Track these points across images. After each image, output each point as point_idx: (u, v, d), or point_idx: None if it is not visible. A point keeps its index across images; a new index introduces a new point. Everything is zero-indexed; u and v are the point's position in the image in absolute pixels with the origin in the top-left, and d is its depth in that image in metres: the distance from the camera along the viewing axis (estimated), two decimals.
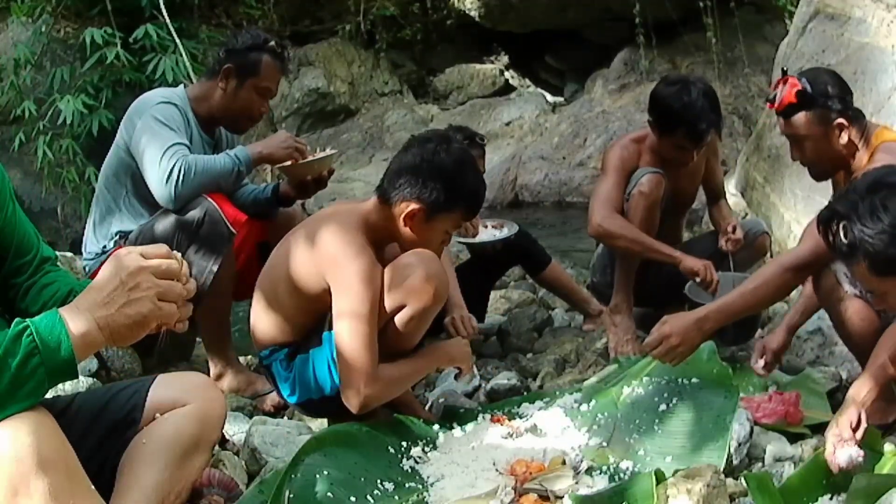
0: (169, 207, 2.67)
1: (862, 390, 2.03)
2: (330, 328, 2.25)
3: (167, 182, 2.61)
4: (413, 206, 2.24)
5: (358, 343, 2.16)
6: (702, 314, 2.28)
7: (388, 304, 2.22)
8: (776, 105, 2.50)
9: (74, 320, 1.33)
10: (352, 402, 2.20)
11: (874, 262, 1.81)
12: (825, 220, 1.90)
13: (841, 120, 2.43)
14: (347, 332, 2.17)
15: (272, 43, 2.87)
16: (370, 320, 2.17)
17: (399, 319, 2.23)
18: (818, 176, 2.61)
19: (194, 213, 2.63)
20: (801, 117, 2.46)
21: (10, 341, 1.29)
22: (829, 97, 2.44)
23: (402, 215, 2.25)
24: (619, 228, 3.00)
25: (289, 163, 2.85)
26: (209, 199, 2.65)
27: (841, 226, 1.84)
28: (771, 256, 3.59)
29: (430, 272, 2.21)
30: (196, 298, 2.79)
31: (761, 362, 2.60)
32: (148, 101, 2.79)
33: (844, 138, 2.44)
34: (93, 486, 1.41)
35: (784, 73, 2.52)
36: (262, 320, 2.37)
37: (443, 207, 2.26)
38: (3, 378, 1.29)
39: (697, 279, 2.92)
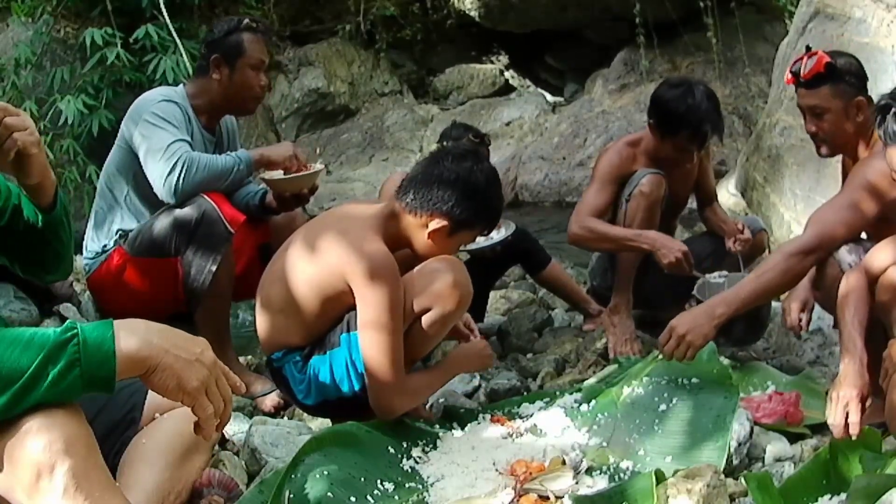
0: (170, 202, 2.68)
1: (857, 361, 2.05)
2: (349, 330, 2.25)
3: (169, 177, 2.63)
4: (442, 221, 2.24)
5: (384, 356, 2.17)
6: (710, 303, 2.29)
7: (413, 307, 2.22)
8: (804, 73, 2.54)
9: (129, 338, 1.33)
10: (383, 412, 2.24)
11: None
12: (881, 109, 2.02)
13: (861, 98, 2.51)
14: (372, 345, 2.18)
15: (246, 21, 2.90)
16: (395, 329, 2.18)
17: (423, 322, 2.24)
18: (828, 151, 2.64)
19: (192, 213, 2.63)
20: (825, 89, 2.52)
21: (55, 347, 1.28)
22: (853, 74, 2.52)
23: (429, 229, 2.25)
24: (590, 231, 3.03)
25: (270, 174, 2.84)
26: (207, 198, 2.66)
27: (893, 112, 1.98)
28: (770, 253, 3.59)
29: (458, 279, 2.22)
30: (195, 298, 2.81)
31: (794, 318, 2.63)
32: (149, 100, 2.81)
33: (861, 117, 2.50)
34: (111, 475, 1.41)
35: (808, 48, 2.57)
36: (271, 324, 2.35)
37: (468, 225, 2.29)
38: (40, 386, 1.28)
39: (695, 287, 2.92)
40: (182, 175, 2.62)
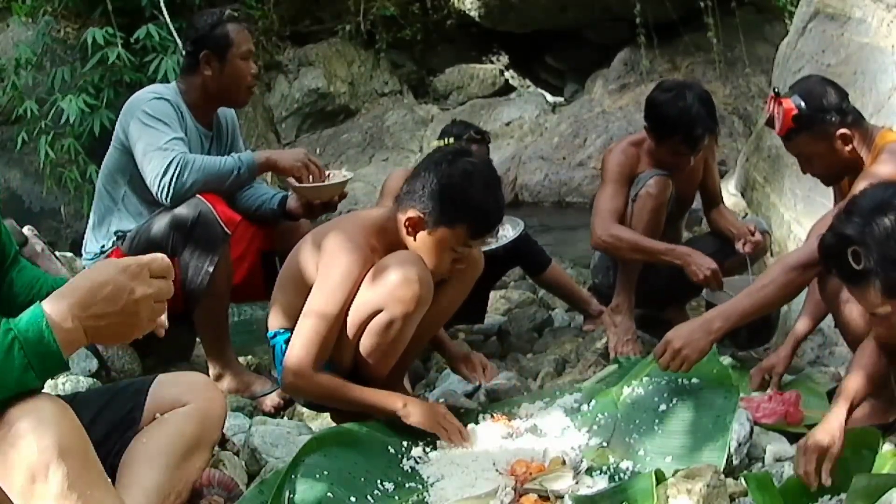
0: (164, 203, 2.68)
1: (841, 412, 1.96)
2: None
3: (164, 176, 2.62)
4: (413, 213, 2.22)
5: (311, 340, 2.18)
6: (708, 317, 2.27)
7: (364, 307, 2.20)
8: (777, 131, 2.48)
9: (61, 327, 1.32)
10: (283, 382, 2.27)
11: (890, 286, 1.78)
12: (833, 246, 1.84)
13: (843, 130, 2.41)
14: (307, 327, 2.19)
15: (228, 11, 2.90)
16: (336, 321, 2.19)
17: (375, 325, 2.20)
18: (829, 182, 2.62)
19: (188, 214, 2.63)
20: (803, 138, 2.45)
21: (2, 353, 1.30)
22: (826, 111, 2.41)
23: (403, 222, 2.24)
24: (620, 239, 2.99)
25: (296, 182, 2.81)
26: (203, 199, 2.65)
27: (851, 251, 1.80)
28: (771, 256, 3.59)
29: (411, 275, 2.15)
30: (193, 299, 2.81)
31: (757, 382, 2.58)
32: (140, 99, 2.80)
33: (849, 146, 2.43)
34: (108, 478, 1.42)
35: (776, 94, 2.48)
36: (276, 309, 2.40)
37: (443, 221, 2.21)
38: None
39: (704, 289, 2.91)
40: (175, 176, 2.62)
